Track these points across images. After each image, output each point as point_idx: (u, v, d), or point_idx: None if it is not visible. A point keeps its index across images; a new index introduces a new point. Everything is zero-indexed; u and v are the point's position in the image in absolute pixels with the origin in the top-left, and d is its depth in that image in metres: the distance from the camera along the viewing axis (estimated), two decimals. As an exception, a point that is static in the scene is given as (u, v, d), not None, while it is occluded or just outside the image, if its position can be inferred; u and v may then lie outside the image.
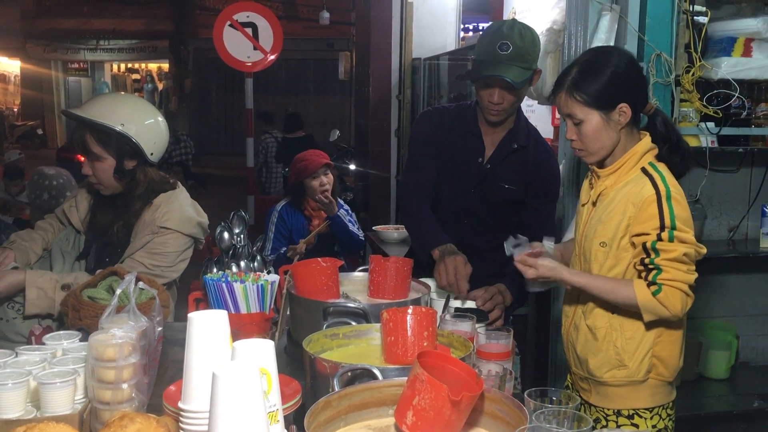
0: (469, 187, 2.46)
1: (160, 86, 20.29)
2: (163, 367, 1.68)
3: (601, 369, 1.93)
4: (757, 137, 3.32)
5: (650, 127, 1.94)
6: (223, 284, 1.68)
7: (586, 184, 2.04)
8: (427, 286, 2.05)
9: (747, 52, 3.19)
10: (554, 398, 1.26)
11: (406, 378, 1.31)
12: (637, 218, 1.81)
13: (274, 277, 1.76)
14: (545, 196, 2.46)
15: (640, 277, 1.82)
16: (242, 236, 2.03)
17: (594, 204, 1.97)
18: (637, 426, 1.90)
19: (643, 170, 1.86)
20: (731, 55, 3.16)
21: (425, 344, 1.57)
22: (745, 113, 3.14)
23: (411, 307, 1.59)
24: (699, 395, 3.39)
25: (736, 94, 3.07)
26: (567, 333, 2.06)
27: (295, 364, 1.76)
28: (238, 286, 1.68)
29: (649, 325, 1.88)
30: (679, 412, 3.26)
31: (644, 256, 1.80)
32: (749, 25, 3.15)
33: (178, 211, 2.27)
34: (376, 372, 1.37)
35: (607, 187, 1.92)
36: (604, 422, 1.95)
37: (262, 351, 1.12)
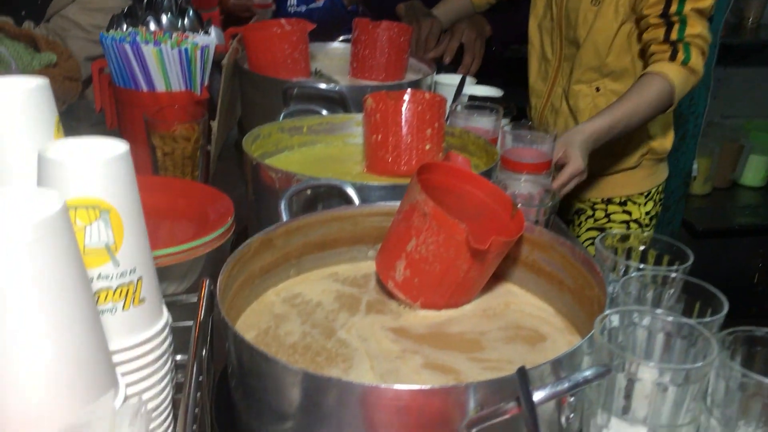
0: None
1: None
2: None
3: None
4: None
5: None
6: (128, 46, 1.11)
7: None
8: (432, 64, 1.50)
9: None
10: (633, 248, 0.77)
11: (396, 203, 0.81)
12: None
13: (206, 39, 1.18)
14: None
15: (647, 52, 1.40)
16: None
17: None
18: (629, 213, 1.68)
19: None
20: None
21: (428, 147, 1.06)
22: None
23: (409, 91, 1.07)
24: (732, 205, 2.99)
25: None
26: (540, 116, 1.66)
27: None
28: (149, 50, 1.11)
29: None
30: (708, 223, 2.92)
31: (664, 5, 1.37)
32: None
33: None
34: (350, 192, 0.86)
35: None
36: (590, 212, 1.67)
37: (93, 157, 0.51)
